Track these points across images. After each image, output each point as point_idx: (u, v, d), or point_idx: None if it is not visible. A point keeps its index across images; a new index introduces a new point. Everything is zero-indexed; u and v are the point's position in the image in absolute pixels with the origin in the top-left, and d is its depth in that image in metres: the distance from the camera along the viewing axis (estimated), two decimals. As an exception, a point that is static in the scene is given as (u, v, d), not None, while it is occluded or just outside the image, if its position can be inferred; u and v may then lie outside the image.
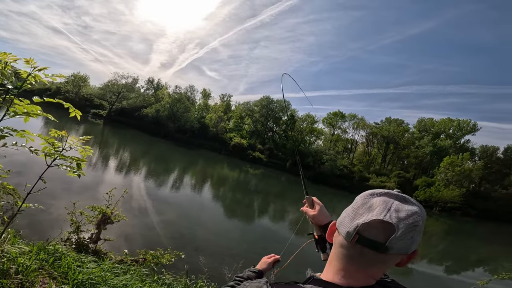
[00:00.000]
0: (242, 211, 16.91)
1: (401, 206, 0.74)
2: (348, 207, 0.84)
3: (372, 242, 0.71)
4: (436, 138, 54.40)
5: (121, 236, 7.82)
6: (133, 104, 55.65)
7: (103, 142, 30.64)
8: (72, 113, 2.52)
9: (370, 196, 0.80)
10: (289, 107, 61.65)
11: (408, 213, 0.72)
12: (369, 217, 0.72)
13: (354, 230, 0.73)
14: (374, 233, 0.71)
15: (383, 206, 0.74)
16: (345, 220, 0.79)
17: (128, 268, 4.14)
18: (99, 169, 17.72)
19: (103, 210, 4.95)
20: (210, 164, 37.97)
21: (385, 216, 0.71)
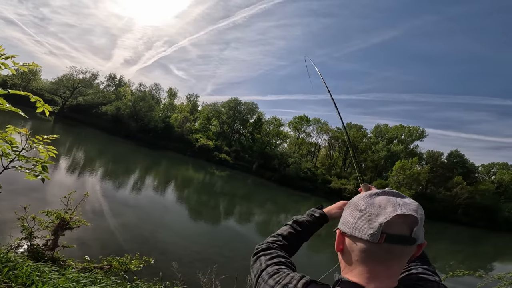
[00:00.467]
0: (209, 213, 16.59)
1: (404, 200, 0.79)
2: (348, 213, 0.84)
3: (400, 237, 0.73)
4: (390, 143, 58.93)
5: (78, 242, 7.17)
6: (90, 101, 51.82)
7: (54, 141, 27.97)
8: (39, 108, 2.23)
9: (370, 197, 0.81)
10: (256, 109, 62.30)
11: (415, 204, 0.77)
12: (388, 215, 0.73)
13: (378, 231, 0.73)
14: (398, 228, 0.73)
15: (391, 203, 0.76)
16: (359, 224, 0.78)
17: (95, 277, 3.78)
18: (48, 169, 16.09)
19: (61, 215, 4.49)
20: (175, 165, 36.71)
21: (402, 210, 0.74)
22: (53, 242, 4.47)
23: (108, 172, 20.49)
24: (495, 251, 27.51)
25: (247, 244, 11.20)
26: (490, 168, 60.85)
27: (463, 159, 55.86)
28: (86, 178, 16.52)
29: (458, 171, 53.47)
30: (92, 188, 14.33)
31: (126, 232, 9.15)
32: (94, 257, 5.57)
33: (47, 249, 4.39)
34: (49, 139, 2.35)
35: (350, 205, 0.86)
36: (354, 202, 0.85)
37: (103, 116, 50.34)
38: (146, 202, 14.56)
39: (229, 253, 9.45)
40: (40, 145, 2.30)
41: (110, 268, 4.62)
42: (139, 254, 5.24)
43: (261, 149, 56.70)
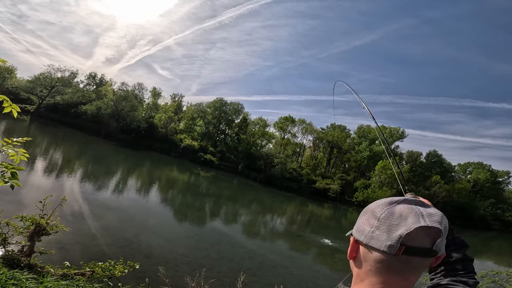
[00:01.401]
0: (194, 215, 16.32)
1: (428, 210, 0.74)
2: (364, 220, 0.79)
3: (421, 249, 0.70)
4: (372, 143, 60.52)
5: (58, 247, 6.83)
6: (69, 100, 49.73)
7: (28, 141, 26.64)
8: (7, 108, 2.06)
9: (390, 205, 0.76)
10: (242, 110, 62.15)
11: (440, 215, 0.73)
12: (410, 226, 0.68)
13: (397, 242, 0.69)
14: (420, 240, 0.69)
15: (414, 213, 0.72)
16: (376, 234, 0.73)
17: (77, 285, 3.57)
18: (23, 171, 15.30)
19: (36, 221, 4.22)
20: (158, 166, 35.93)
21: (425, 221, 0.69)
22: (29, 248, 4.20)
23: (88, 173, 19.74)
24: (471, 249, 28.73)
25: (233, 246, 11.10)
26: (466, 167, 63.81)
27: (441, 158, 58.33)
28: (65, 180, 15.83)
29: (436, 170, 55.75)
30: (71, 190, 13.76)
31: (109, 235, 8.82)
32: (75, 262, 5.31)
33: (23, 255, 4.12)
34: (19, 142, 2.16)
35: (367, 212, 0.80)
36: (371, 209, 0.79)
37: (82, 116, 48.48)
38: (129, 205, 14.13)
39: (215, 255, 9.31)
40: (9, 148, 2.10)
41: (92, 274, 4.40)
42: (123, 259, 5.04)
43: (247, 149, 56.62)
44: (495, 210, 58.00)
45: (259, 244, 12.44)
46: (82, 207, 11.33)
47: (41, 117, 46.88)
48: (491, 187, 58.77)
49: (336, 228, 24.40)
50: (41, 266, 4.26)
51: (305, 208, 33.89)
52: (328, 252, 13.84)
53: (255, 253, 10.78)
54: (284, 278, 8.59)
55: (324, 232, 20.38)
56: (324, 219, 29.03)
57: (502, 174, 60.77)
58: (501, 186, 61.17)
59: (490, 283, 4.66)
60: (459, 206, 48.86)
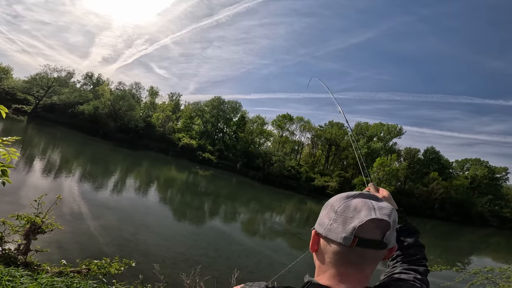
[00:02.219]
0: (192, 214, 16.35)
1: (379, 204, 0.79)
2: (324, 213, 0.83)
3: (372, 241, 0.74)
4: (370, 140, 60.68)
5: (55, 245, 6.86)
6: (66, 100, 49.53)
7: (26, 142, 26.56)
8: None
9: (346, 199, 0.81)
10: (240, 108, 62.10)
11: (390, 209, 0.78)
12: (362, 219, 0.73)
13: (351, 234, 0.73)
14: (371, 233, 0.74)
15: (367, 206, 0.77)
16: (333, 226, 0.78)
17: (71, 281, 3.60)
18: (21, 171, 15.28)
19: (31, 219, 4.24)
20: (157, 166, 35.90)
21: (376, 214, 0.74)
22: (25, 246, 4.23)
23: (86, 173, 19.72)
24: (469, 245, 29.00)
25: (231, 244, 11.15)
26: (463, 164, 63.96)
27: (438, 155, 58.50)
28: (63, 180, 15.81)
29: (433, 167, 55.94)
30: (70, 190, 13.75)
31: (107, 234, 8.84)
32: (72, 260, 5.34)
33: (19, 253, 4.15)
34: (9, 141, 2.19)
35: (328, 205, 0.85)
36: (331, 203, 0.84)
37: (79, 115, 48.31)
38: (127, 204, 14.15)
39: (213, 253, 9.35)
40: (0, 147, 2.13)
41: (88, 272, 4.43)
42: (119, 257, 5.07)
43: (245, 147, 56.65)
44: (493, 206, 58.15)
45: (257, 242, 12.51)
46: (80, 206, 11.34)
47: (38, 117, 46.70)
48: (489, 184, 58.82)
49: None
50: (38, 264, 4.28)
51: (303, 206, 34.00)
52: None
53: (253, 250, 10.84)
54: (281, 275, 8.63)
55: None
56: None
57: (499, 170, 60.87)
58: (499, 183, 61.17)
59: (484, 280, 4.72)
60: (457, 202, 49.03)
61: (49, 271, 4.11)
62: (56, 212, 9.52)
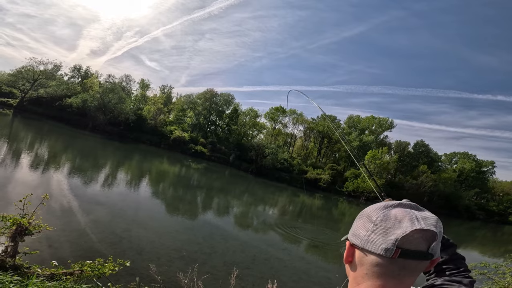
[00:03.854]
0: (186, 208, 16.20)
1: (422, 214, 0.75)
2: (359, 224, 0.79)
3: (417, 252, 0.71)
4: (362, 133, 61.25)
5: (46, 244, 6.62)
6: (53, 93, 48.16)
7: (12, 136, 25.70)
8: None
9: (385, 209, 0.77)
10: (233, 101, 61.58)
11: (435, 219, 0.74)
12: (405, 229, 0.70)
13: (393, 245, 0.70)
14: (416, 243, 0.70)
15: (409, 216, 0.73)
16: (372, 237, 0.74)
17: (63, 286, 3.43)
18: (8, 167, 14.78)
19: (17, 221, 4.01)
20: (148, 159, 35.43)
21: (421, 224, 0.71)
22: (12, 249, 4.02)
23: (75, 168, 19.25)
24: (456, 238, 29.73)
25: (226, 239, 11.07)
26: (452, 157, 65.26)
27: (428, 148, 59.52)
28: (52, 174, 15.38)
29: (423, 160, 56.95)
30: (59, 185, 13.39)
31: (99, 231, 8.63)
32: (64, 259, 5.16)
33: (7, 256, 3.94)
34: None
35: (363, 216, 0.80)
36: (367, 214, 0.78)
37: (67, 109, 47.06)
38: (119, 199, 13.88)
39: (208, 249, 9.26)
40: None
41: (81, 273, 4.26)
42: (112, 256, 4.90)
43: (238, 140, 56.44)
44: (479, 199, 59.55)
45: (251, 237, 12.50)
46: (70, 202, 11.05)
47: (24, 111, 45.42)
48: (476, 177, 60.06)
49: (327, 219, 24.83)
50: (27, 266, 4.08)
51: (296, 199, 34.25)
52: (319, 243, 14.05)
53: (248, 245, 10.81)
54: (277, 270, 8.66)
55: (315, 223, 20.68)
56: (315, 209, 29.43)
57: (486, 164, 62.24)
58: (486, 176, 62.48)
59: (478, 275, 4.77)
60: (445, 195, 50.12)
61: (40, 274, 3.92)
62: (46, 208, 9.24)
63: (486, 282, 4.84)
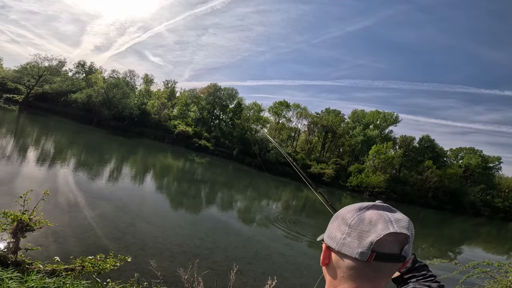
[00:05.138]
0: (189, 203, 16.33)
1: (395, 215, 0.76)
2: (334, 226, 0.79)
3: (391, 255, 0.73)
4: (366, 128, 60.77)
5: (49, 240, 6.73)
6: (58, 89, 48.65)
7: (19, 131, 26.03)
8: None
9: (359, 211, 0.77)
10: (236, 95, 61.42)
11: (407, 221, 0.75)
12: (379, 233, 0.71)
13: (368, 249, 0.71)
14: (389, 247, 0.72)
15: (383, 219, 0.74)
16: (347, 241, 0.75)
17: (63, 282, 3.48)
18: (15, 161, 15.01)
19: (17, 217, 4.07)
20: (152, 153, 35.68)
21: (394, 227, 0.72)
22: (14, 245, 4.09)
23: (81, 162, 19.47)
24: (461, 235, 29.56)
25: (228, 234, 11.14)
26: (458, 152, 64.24)
27: (433, 143, 58.79)
28: (57, 169, 15.58)
29: (428, 155, 56.30)
30: (64, 179, 13.56)
31: (102, 226, 8.74)
32: (67, 254, 5.25)
33: (9, 252, 4.02)
34: None
35: (338, 218, 0.81)
36: (342, 215, 0.79)
37: (72, 104, 47.54)
38: (123, 193, 14.02)
39: (210, 244, 9.33)
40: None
41: (82, 269, 4.33)
42: (115, 251, 4.97)
43: (241, 134, 56.45)
44: (485, 196, 58.65)
45: (254, 232, 12.56)
46: (76, 197, 11.19)
47: (30, 106, 46.01)
48: (482, 173, 59.29)
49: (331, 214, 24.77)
50: (29, 262, 4.15)
51: (300, 193, 34.29)
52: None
53: (250, 241, 10.87)
54: (279, 266, 8.70)
55: (318, 217, 20.72)
56: (318, 204, 29.43)
57: (493, 160, 61.30)
58: (492, 172, 61.71)
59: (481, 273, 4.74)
60: (450, 191, 49.52)
61: (41, 270, 3.99)
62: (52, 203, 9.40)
63: (488, 281, 4.82)
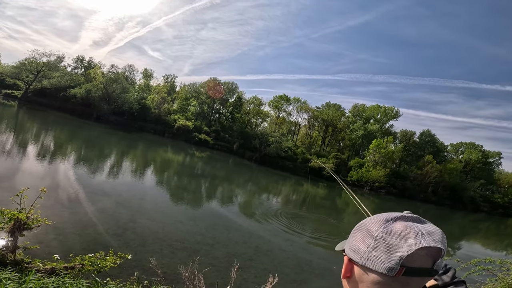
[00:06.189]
0: (189, 198, 16.34)
1: (426, 227, 0.71)
2: (358, 238, 0.74)
3: (422, 270, 0.68)
4: (367, 122, 60.54)
5: (49, 237, 6.71)
6: (57, 84, 48.52)
7: (18, 126, 25.92)
8: None
9: (386, 223, 0.72)
10: (236, 89, 61.07)
11: (440, 234, 0.70)
12: (411, 247, 0.66)
13: (397, 264, 0.66)
14: (421, 261, 0.68)
15: (413, 232, 0.69)
16: (373, 255, 0.70)
17: (62, 282, 3.44)
18: (15, 157, 14.97)
19: (14, 216, 4.02)
20: (152, 148, 35.67)
21: (426, 241, 0.68)
22: (12, 244, 4.05)
23: (80, 158, 19.43)
24: (460, 230, 29.59)
25: (228, 230, 11.15)
26: (458, 147, 63.95)
27: (434, 138, 58.58)
28: (57, 164, 15.56)
29: (428, 150, 56.15)
30: (64, 175, 13.55)
31: (102, 222, 8.72)
32: (67, 251, 5.22)
33: (7, 251, 3.98)
34: None
35: (361, 229, 0.75)
36: (366, 227, 0.74)
37: (72, 99, 47.43)
38: (123, 189, 14.02)
39: (211, 240, 9.33)
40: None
41: (82, 267, 4.31)
42: (115, 248, 4.96)
43: (242, 128, 56.33)
44: (484, 191, 58.67)
45: (254, 227, 12.57)
46: (76, 193, 11.18)
47: (29, 102, 45.92)
48: (482, 168, 59.07)
49: (330, 208, 24.89)
50: (28, 261, 4.12)
51: (300, 188, 34.37)
52: (322, 234, 14.10)
53: (250, 236, 10.87)
54: (280, 262, 8.71)
55: (319, 212, 20.77)
56: (319, 198, 29.52)
57: (493, 155, 61.04)
58: (492, 167, 61.47)
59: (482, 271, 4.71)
60: (450, 186, 49.38)
61: (40, 269, 3.96)
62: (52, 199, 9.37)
63: (490, 279, 4.80)
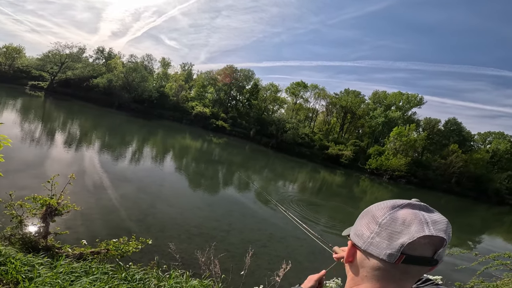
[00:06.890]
0: (206, 184, 16.79)
1: (432, 216, 0.70)
2: (363, 223, 0.75)
3: (422, 259, 0.68)
4: (387, 109, 58.38)
5: (77, 223, 7.21)
6: (80, 75, 50.46)
7: (46, 116, 27.35)
8: None
9: (392, 209, 0.72)
10: (253, 76, 60.60)
11: (445, 223, 0.70)
12: (413, 235, 0.66)
13: (398, 251, 0.67)
14: (421, 250, 0.67)
15: (418, 220, 0.68)
16: (376, 240, 0.71)
17: (89, 266, 3.73)
18: (44, 145, 15.94)
19: (46, 202, 4.35)
20: (171, 134, 36.58)
21: (430, 230, 0.67)
22: (44, 229, 4.41)
23: (105, 145, 20.36)
24: (482, 223, 28.41)
25: (244, 216, 11.43)
26: (486, 137, 60.45)
27: (460, 127, 55.46)
28: (83, 152, 16.43)
29: (454, 139, 53.36)
30: (91, 163, 14.28)
31: (125, 208, 9.21)
32: (93, 238, 5.62)
33: (40, 237, 4.34)
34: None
35: (368, 214, 0.76)
36: (372, 213, 0.75)
37: (94, 89, 49.29)
38: (144, 174, 14.62)
39: (227, 226, 9.64)
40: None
41: (107, 252, 4.64)
42: (135, 235, 5.27)
43: (258, 115, 56.23)
44: (511, 183, 55.67)
45: (269, 214, 12.78)
46: (101, 179, 11.79)
47: (55, 92, 47.96)
48: (510, 159, 55.35)
49: (347, 197, 24.67)
50: (59, 246, 4.47)
51: (317, 175, 34.19)
52: (337, 222, 14.11)
53: (265, 223, 11.11)
54: (293, 249, 8.89)
55: (335, 200, 20.70)
56: (335, 186, 29.32)
57: (523, 146, 57.18)
58: (521, 158, 57.73)
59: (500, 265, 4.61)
60: (474, 177, 46.80)
61: (69, 254, 4.31)
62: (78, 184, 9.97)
63: (507, 274, 4.69)
